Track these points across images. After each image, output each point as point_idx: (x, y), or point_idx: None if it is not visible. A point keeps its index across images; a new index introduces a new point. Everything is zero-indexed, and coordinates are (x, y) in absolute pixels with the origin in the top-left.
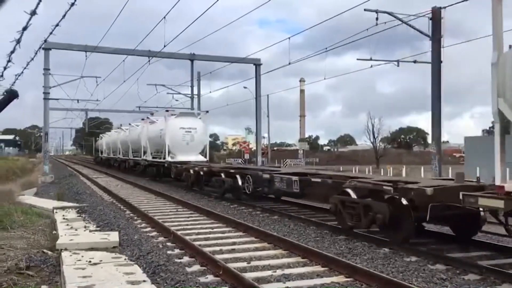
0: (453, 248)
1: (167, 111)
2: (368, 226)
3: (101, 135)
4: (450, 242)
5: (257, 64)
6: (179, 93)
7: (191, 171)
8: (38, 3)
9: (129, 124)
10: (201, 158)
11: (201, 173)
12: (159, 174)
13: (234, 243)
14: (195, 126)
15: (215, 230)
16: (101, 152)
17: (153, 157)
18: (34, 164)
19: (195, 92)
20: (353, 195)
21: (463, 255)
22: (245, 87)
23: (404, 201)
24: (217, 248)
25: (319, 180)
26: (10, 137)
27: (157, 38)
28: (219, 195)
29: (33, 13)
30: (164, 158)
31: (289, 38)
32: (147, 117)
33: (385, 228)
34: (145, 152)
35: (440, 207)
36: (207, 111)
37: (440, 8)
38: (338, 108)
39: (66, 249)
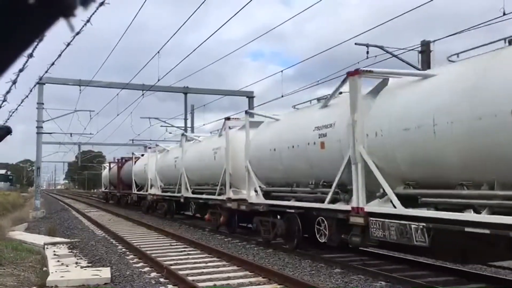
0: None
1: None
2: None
3: (143, 154)
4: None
5: (250, 96)
6: (173, 126)
7: None
8: (35, 47)
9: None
10: None
11: None
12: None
13: (228, 278)
14: None
15: (209, 264)
16: (139, 187)
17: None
18: (26, 198)
19: (189, 124)
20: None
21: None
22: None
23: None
24: (211, 283)
25: None
26: (2, 171)
27: (151, 71)
28: None
29: (30, 56)
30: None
31: (281, 71)
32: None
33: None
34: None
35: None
36: None
37: (429, 41)
38: None
39: (56, 286)
